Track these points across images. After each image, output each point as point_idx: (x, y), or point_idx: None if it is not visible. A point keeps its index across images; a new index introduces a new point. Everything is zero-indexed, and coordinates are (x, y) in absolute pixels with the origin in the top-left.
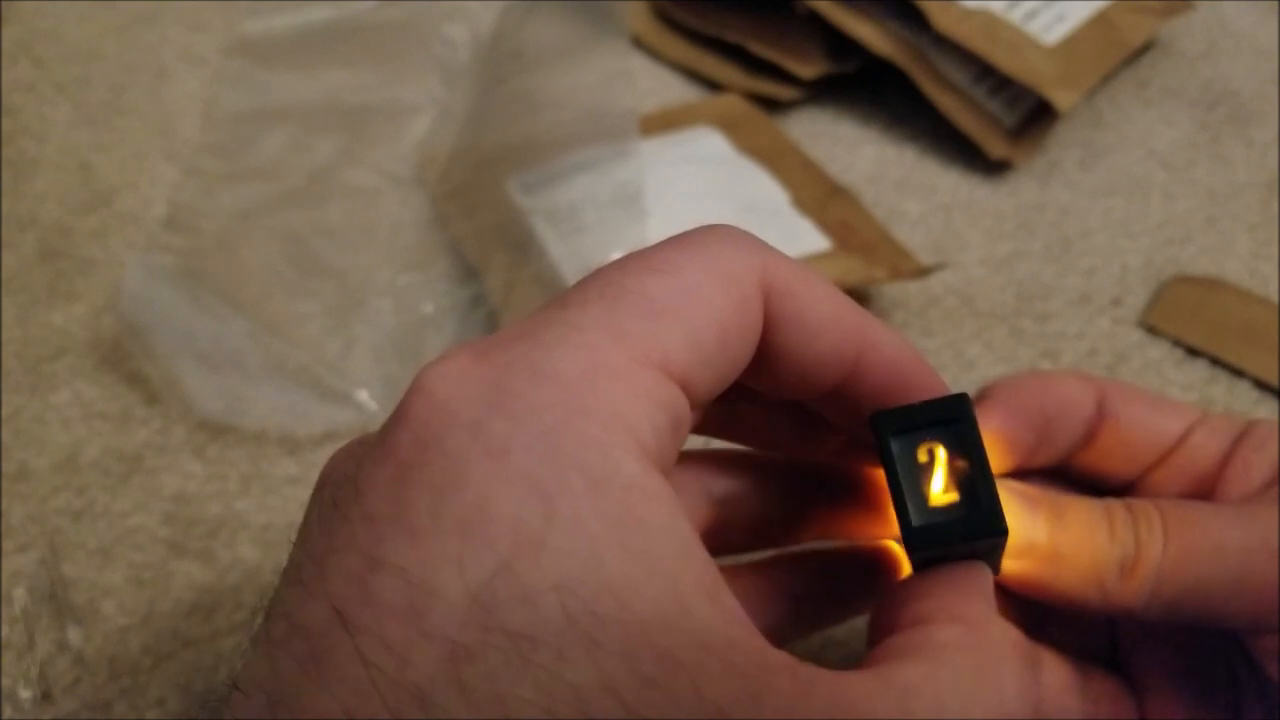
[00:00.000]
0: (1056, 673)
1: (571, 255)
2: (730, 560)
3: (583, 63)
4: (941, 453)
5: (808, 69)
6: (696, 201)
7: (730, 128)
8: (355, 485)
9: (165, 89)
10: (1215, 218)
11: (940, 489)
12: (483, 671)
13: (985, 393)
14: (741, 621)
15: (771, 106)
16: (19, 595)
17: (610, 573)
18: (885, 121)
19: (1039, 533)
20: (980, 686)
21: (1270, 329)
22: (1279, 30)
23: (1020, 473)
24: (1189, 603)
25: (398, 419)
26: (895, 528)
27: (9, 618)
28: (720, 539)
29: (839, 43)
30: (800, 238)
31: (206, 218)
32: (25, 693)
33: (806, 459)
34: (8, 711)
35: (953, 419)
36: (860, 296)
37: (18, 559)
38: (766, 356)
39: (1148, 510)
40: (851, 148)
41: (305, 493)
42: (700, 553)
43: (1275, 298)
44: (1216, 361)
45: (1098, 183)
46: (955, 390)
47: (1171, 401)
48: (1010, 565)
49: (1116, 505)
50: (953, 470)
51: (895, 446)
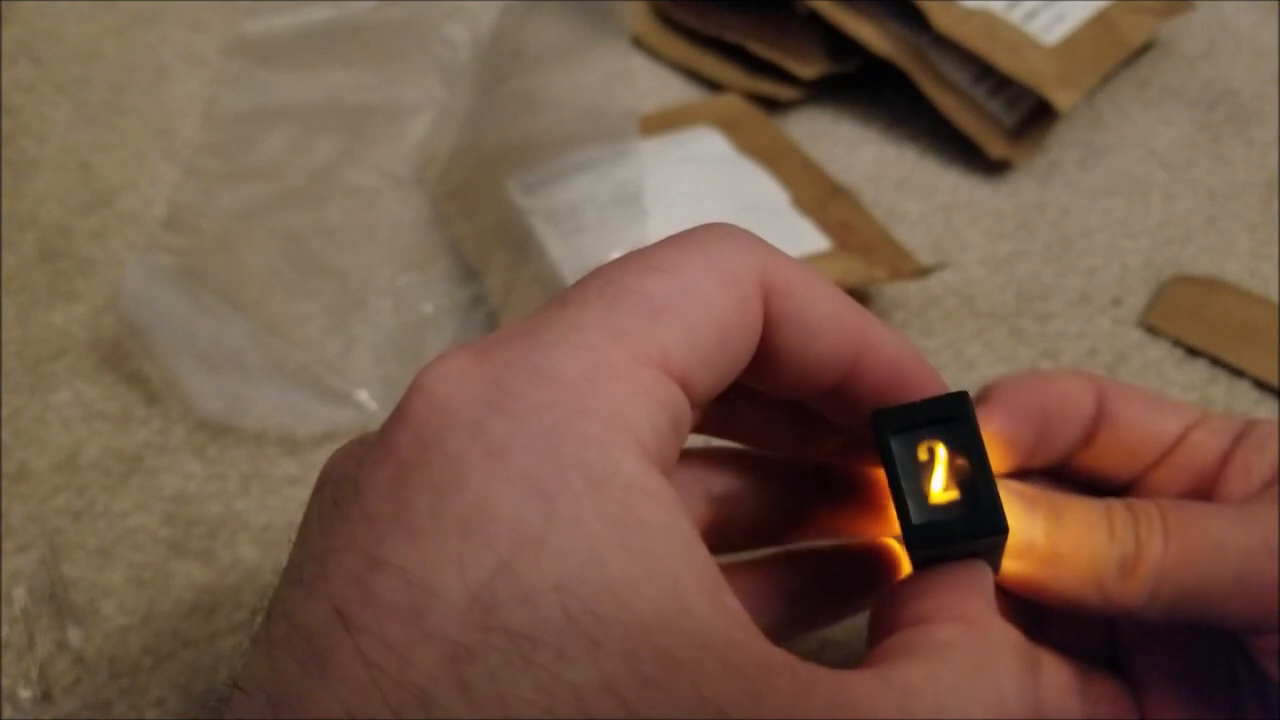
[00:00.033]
0: (1056, 673)
1: (571, 255)
2: (729, 558)
3: (583, 63)
4: (942, 451)
5: (808, 69)
6: (696, 201)
7: (730, 128)
8: (355, 485)
9: (165, 89)
10: (1215, 218)
11: (940, 487)
12: (484, 671)
13: (985, 392)
14: (742, 621)
15: (771, 106)
16: (19, 595)
17: (610, 573)
18: (885, 121)
19: (1038, 532)
20: (980, 686)
21: (1270, 329)
22: (1279, 30)
23: (1019, 473)
24: (1189, 603)
25: (398, 419)
26: (895, 526)
27: (9, 618)
28: (719, 537)
29: (839, 43)
30: (800, 238)
31: (206, 218)
32: (25, 693)
33: (806, 458)
34: (8, 711)
35: (953, 417)
36: (860, 296)
37: (18, 559)
38: (766, 356)
39: (1148, 510)
40: (851, 148)
41: (305, 493)
42: (701, 552)
43: (1275, 298)
44: (1216, 361)
45: (1098, 183)
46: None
47: (1170, 401)
48: (1010, 565)
49: (1116, 505)
50: (953, 469)
51: (895, 445)
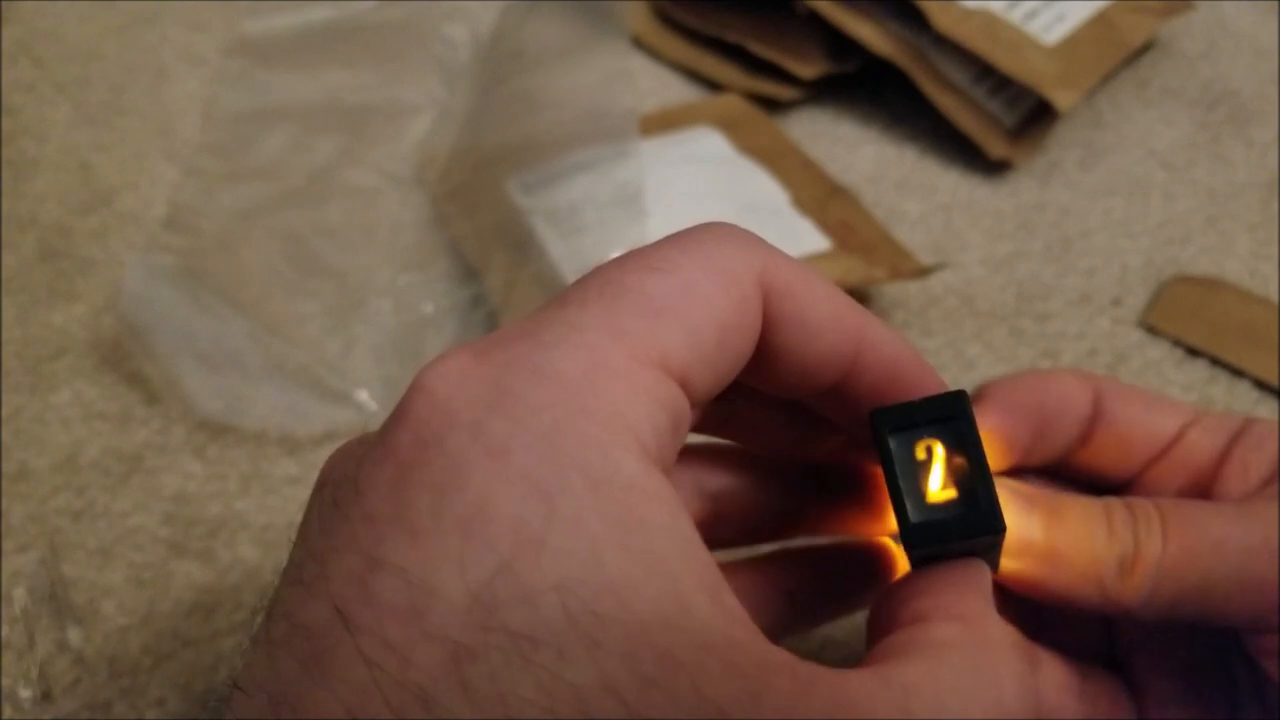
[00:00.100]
0: (1055, 672)
1: (571, 255)
2: (727, 556)
3: (583, 63)
4: (940, 450)
5: (808, 69)
6: (696, 201)
7: (730, 128)
8: (355, 485)
9: (165, 89)
10: (1215, 218)
11: (938, 486)
12: (485, 671)
13: (982, 391)
14: (742, 621)
15: (771, 106)
16: (19, 595)
17: (610, 572)
18: (885, 121)
19: (1036, 531)
20: (979, 685)
21: (1270, 329)
22: (1279, 30)
23: (1017, 471)
24: (1188, 601)
25: (398, 419)
26: (893, 525)
27: (9, 618)
28: (712, 534)
29: (839, 43)
30: (800, 238)
31: (206, 218)
32: (25, 693)
33: (805, 457)
34: (8, 711)
35: (951, 416)
36: (860, 296)
37: (18, 559)
38: (766, 355)
39: (1146, 509)
40: (851, 148)
41: (305, 493)
42: (701, 552)
43: (1275, 298)
44: (1216, 361)
45: (1098, 183)
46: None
47: (1168, 400)
48: (1008, 564)
49: (1115, 504)
50: (951, 467)
51: (893, 443)
